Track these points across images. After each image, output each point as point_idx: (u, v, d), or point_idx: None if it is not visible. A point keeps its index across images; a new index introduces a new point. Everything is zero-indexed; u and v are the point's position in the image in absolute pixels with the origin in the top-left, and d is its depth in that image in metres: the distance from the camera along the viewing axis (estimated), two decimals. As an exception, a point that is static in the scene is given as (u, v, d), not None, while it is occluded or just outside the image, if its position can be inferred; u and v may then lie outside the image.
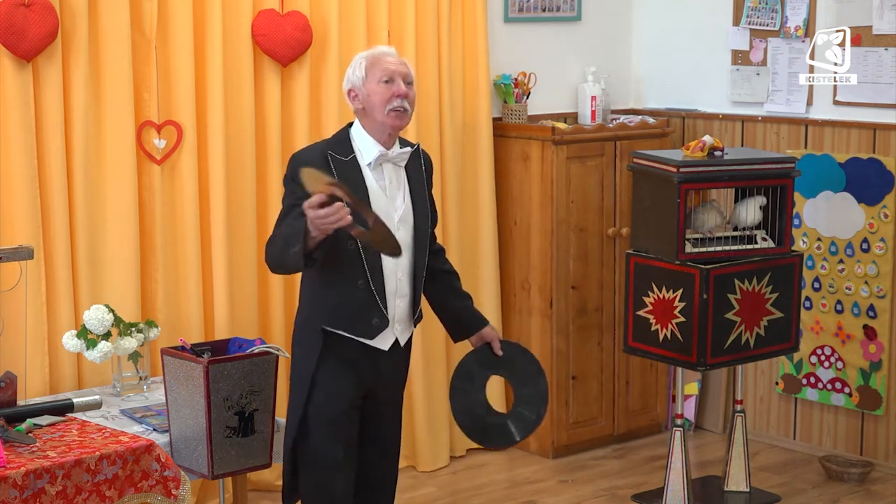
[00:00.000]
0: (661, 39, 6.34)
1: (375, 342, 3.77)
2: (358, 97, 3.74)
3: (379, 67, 3.72)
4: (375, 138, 3.75)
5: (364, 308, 3.72)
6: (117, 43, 4.75)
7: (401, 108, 3.71)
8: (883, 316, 5.55)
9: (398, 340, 3.84)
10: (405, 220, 3.77)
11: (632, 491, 5.45)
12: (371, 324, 3.74)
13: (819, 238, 5.72)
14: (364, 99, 3.73)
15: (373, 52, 3.79)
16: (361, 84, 3.73)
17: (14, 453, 3.64)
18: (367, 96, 3.72)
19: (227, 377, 4.03)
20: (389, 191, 3.76)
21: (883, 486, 5.49)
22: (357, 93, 3.74)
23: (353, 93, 3.75)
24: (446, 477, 5.66)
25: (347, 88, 3.77)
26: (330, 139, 3.83)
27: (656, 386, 6.19)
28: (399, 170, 3.79)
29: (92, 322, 4.46)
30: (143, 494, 3.79)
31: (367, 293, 3.71)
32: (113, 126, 4.79)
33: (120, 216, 4.80)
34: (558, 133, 5.67)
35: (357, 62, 3.77)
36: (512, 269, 5.90)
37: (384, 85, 3.70)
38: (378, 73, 3.71)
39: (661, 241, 4.99)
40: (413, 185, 3.82)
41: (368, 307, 3.72)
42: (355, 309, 3.72)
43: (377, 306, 3.73)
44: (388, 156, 3.75)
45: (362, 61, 3.75)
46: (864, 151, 5.57)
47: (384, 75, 3.71)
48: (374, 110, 3.71)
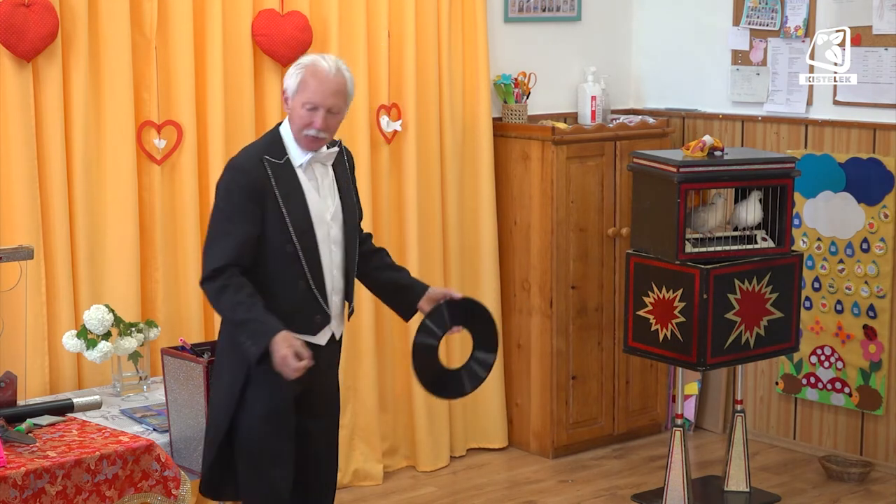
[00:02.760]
0: (661, 39, 6.34)
1: (315, 339, 3.81)
2: (287, 103, 3.75)
3: (309, 90, 3.68)
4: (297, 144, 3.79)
5: (307, 307, 3.77)
6: (117, 43, 4.75)
7: (315, 137, 3.71)
8: (883, 316, 5.55)
9: (334, 335, 3.88)
10: (336, 218, 3.82)
11: (632, 491, 5.45)
12: (314, 321, 3.79)
13: (819, 238, 5.72)
14: (290, 109, 3.74)
15: (312, 68, 3.71)
16: (292, 95, 3.72)
17: (14, 453, 3.63)
18: (292, 109, 3.73)
19: (227, 377, 4.02)
20: (321, 190, 3.79)
21: (883, 486, 5.49)
22: (287, 99, 3.75)
23: (285, 96, 3.76)
24: (446, 477, 5.66)
25: (283, 89, 3.77)
26: (262, 141, 3.83)
27: (656, 386, 6.19)
28: (327, 169, 3.83)
29: (92, 322, 4.46)
30: (143, 494, 3.79)
31: (309, 293, 3.76)
32: (113, 126, 4.78)
33: (120, 216, 4.80)
34: (558, 133, 5.67)
35: (296, 70, 3.72)
36: (512, 269, 5.90)
37: (306, 111, 3.69)
38: (306, 95, 3.68)
39: (661, 241, 4.99)
40: (340, 183, 3.86)
41: (311, 305, 3.77)
42: (298, 308, 3.76)
43: (319, 304, 3.78)
44: (317, 157, 3.78)
45: (300, 73, 3.71)
46: (864, 151, 5.57)
47: (309, 103, 3.68)
48: (293, 125, 3.74)
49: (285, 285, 3.74)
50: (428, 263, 5.64)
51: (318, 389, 3.88)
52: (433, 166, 5.65)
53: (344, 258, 3.85)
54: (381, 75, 5.44)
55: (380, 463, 5.56)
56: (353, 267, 3.89)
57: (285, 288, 3.74)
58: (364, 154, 5.39)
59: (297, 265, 3.73)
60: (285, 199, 3.70)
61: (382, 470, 5.57)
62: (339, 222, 3.83)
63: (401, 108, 5.53)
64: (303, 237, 3.72)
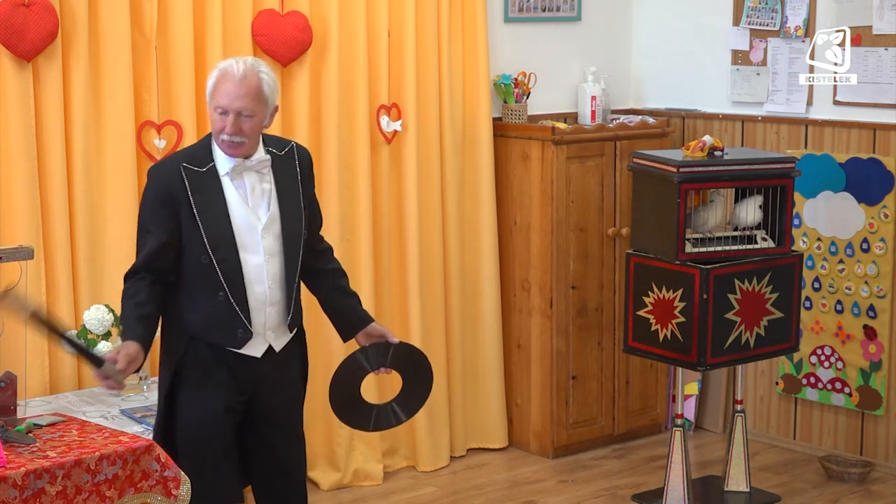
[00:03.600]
0: (661, 39, 6.34)
1: (246, 350, 3.72)
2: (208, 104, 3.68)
3: (219, 93, 3.60)
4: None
5: (226, 320, 3.67)
6: (117, 43, 4.75)
7: (230, 142, 3.61)
8: (883, 316, 5.55)
9: (272, 347, 3.77)
10: (270, 228, 3.68)
11: (632, 491, 5.45)
12: (236, 335, 3.69)
13: (819, 238, 5.72)
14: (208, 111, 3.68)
15: (223, 72, 3.62)
16: (208, 100, 3.66)
17: (14, 453, 3.63)
18: (210, 114, 3.66)
19: (227, 377, 4.02)
20: (251, 199, 3.67)
21: (883, 486, 5.49)
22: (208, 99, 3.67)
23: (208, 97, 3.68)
24: (446, 477, 5.66)
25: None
26: (190, 148, 3.77)
27: (656, 386, 6.19)
28: (263, 176, 3.70)
29: (92, 322, 4.46)
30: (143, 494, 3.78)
31: (228, 306, 3.65)
32: (113, 126, 4.78)
33: (120, 216, 4.80)
34: (558, 133, 5.67)
35: (212, 73, 3.66)
36: (512, 269, 5.90)
37: (218, 115, 3.61)
38: (216, 99, 3.61)
39: (661, 241, 4.99)
40: (281, 189, 3.72)
41: (231, 318, 3.67)
42: (219, 320, 3.67)
43: (238, 317, 3.67)
44: (245, 165, 3.66)
45: (213, 78, 3.64)
46: (864, 151, 5.57)
47: (219, 107, 3.60)
48: (212, 130, 3.66)
49: (204, 296, 3.65)
50: (428, 264, 5.64)
51: (269, 400, 3.80)
52: (433, 166, 5.64)
53: (284, 269, 3.72)
54: (381, 75, 5.44)
55: (380, 463, 5.57)
56: (294, 278, 3.75)
57: (204, 299, 3.66)
58: (364, 154, 5.39)
59: (214, 277, 3.62)
60: (201, 208, 3.60)
61: (382, 470, 5.57)
62: (274, 232, 3.69)
63: (401, 108, 5.53)
64: (219, 249, 3.61)
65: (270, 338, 3.76)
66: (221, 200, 3.63)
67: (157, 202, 3.63)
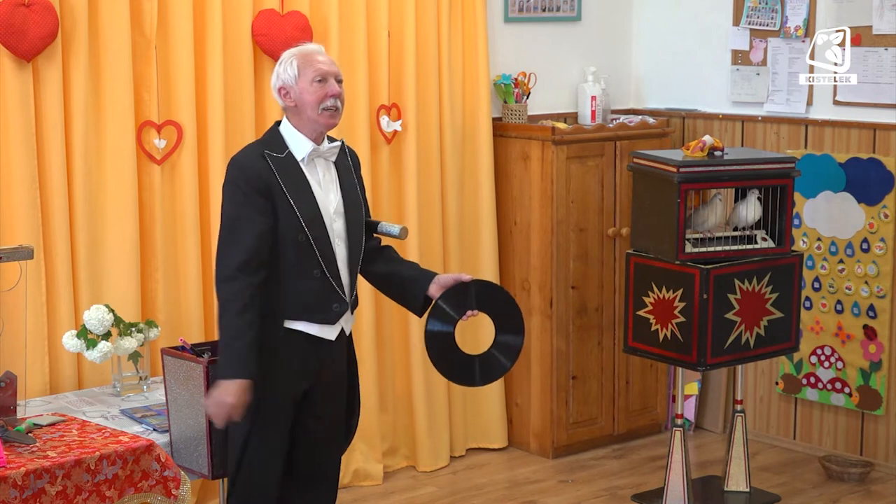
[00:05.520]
0: (661, 39, 6.34)
1: (328, 332, 3.81)
2: (290, 95, 3.79)
3: (312, 67, 3.76)
4: (306, 135, 3.81)
5: (324, 295, 3.78)
6: (117, 43, 4.75)
7: (333, 108, 3.77)
8: (883, 316, 5.55)
9: (344, 330, 3.88)
10: (339, 212, 3.84)
11: (632, 491, 5.45)
12: (332, 310, 3.80)
13: (819, 238, 5.72)
14: (297, 97, 3.78)
15: (303, 51, 3.82)
16: (294, 82, 3.77)
17: (14, 453, 3.64)
18: (299, 94, 3.77)
19: (227, 377, 4.02)
20: (323, 185, 3.82)
21: (883, 486, 5.49)
22: (289, 91, 3.78)
23: (284, 90, 3.79)
24: (446, 477, 5.66)
25: (278, 86, 3.80)
26: (261, 139, 3.87)
27: (656, 386, 6.19)
28: (329, 165, 3.86)
29: (92, 322, 4.46)
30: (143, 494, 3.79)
31: (325, 281, 3.77)
32: (113, 126, 4.79)
33: (120, 216, 4.80)
34: (558, 133, 5.67)
35: (288, 60, 3.80)
36: (512, 269, 5.90)
37: (317, 84, 3.76)
38: (311, 72, 3.76)
39: (661, 241, 4.99)
40: (343, 179, 3.89)
41: (328, 294, 3.78)
42: (317, 298, 3.77)
43: (335, 292, 3.79)
44: (318, 151, 3.82)
45: (293, 59, 3.79)
46: (864, 151, 5.57)
47: (317, 75, 3.76)
48: (307, 109, 3.77)
49: (302, 275, 3.74)
50: (428, 264, 5.62)
51: (320, 389, 3.87)
52: (433, 166, 5.65)
53: (348, 253, 3.85)
54: (381, 75, 5.44)
55: (380, 463, 5.57)
56: (357, 263, 3.89)
57: (302, 278, 3.75)
58: (364, 154, 5.38)
59: (311, 254, 3.74)
60: (291, 189, 3.72)
61: (382, 470, 5.57)
62: (341, 217, 3.84)
63: (401, 108, 5.53)
64: (313, 226, 3.74)
65: (343, 319, 3.86)
66: (305, 182, 3.77)
67: (250, 190, 3.69)
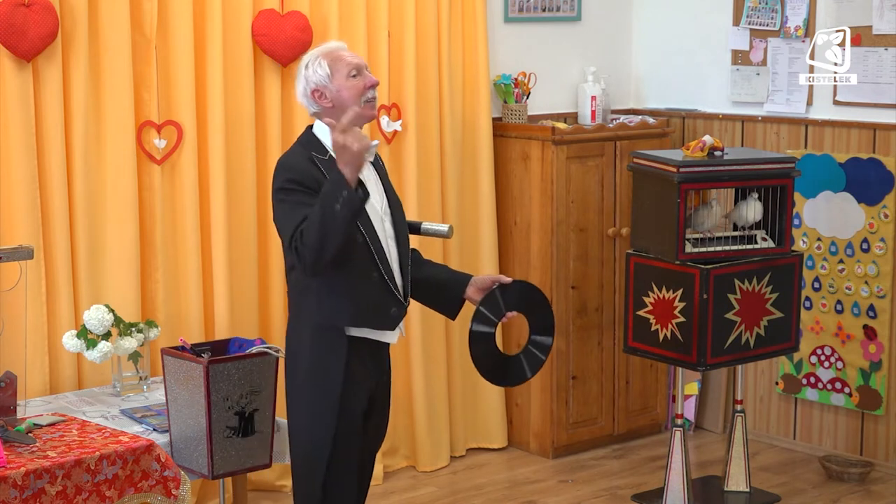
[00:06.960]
0: (661, 39, 6.34)
1: (389, 337, 3.72)
2: (325, 96, 3.66)
3: (343, 62, 3.66)
4: None
5: (383, 299, 3.66)
6: (117, 43, 4.75)
7: (374, 98, 3.68)
8: (883, 316, 5.55)
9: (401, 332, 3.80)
10: (386, 212, 3.75)
11: (632, 491, 5.45)
12: (391, 315, 3.68)
13: (819, 238, 5.72)
14: (334, 96, 3.65)
15: (327, 49, 3.72)
16: (328, 81, 3.64)
17: (14, 453, 3.64)
18: (336, 93, 3.65)
19: (227, 377, 4.03)
20: (368, 185, 3.67)
21: (883, 486, 5.49)
22: (323, 91, 3.66)
23: (319, 92, 3.66)
24: (446, 477, 5.66)
25: (311, 90, 3.67)
26: (301, 142, 3.73)
27: (656, 386, 6.19)
28: (369, 165, 3.75)
29: (92, 322, 4.46)
30: (143, 494, 3.79)
31: (383, 283, 3.65)
32: (113, 126, 4.79)
33: (120, 216, 4.80)
34: (558, 133, 5.67)
35: (314, 61, 3.67)
36: (512, 269, 5.90)
37: (353, 79, 3.65)
38: (344, 68, 3.65)
39: (661, 241, 4.99)
40: (382, 180, 3.80)
41: (387, 297, 3.66)
42: (376, 301, 3.65)
43: (393, 295, 3.68)
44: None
45: (321, 59, 3.67)
46: (864, 151, 5.57)
47: (351, 69, 3.65)
48: (348, 105, 3.63)
49: (361, 278, 3.61)
50: (428, 263, 5.64)
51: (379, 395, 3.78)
52: (433, 166, 5.65)
53: (399, 254, 3.75)
54: (381, 75, 5.44)
55: (380, 463, 5.56)
56: (408, 264, 3.78)
57: (361, 281, 3.61)
58: (364, 154, 5.38)
59: (369, 256, 3.62)
60: None
61: (382, 470, 5.57)
62: (388, 217, 3.75)
63: (401, 108, 5.53)
64: (367, 227, 3.62)
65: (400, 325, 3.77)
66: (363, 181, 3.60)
67: (308, 189, 3.53)
